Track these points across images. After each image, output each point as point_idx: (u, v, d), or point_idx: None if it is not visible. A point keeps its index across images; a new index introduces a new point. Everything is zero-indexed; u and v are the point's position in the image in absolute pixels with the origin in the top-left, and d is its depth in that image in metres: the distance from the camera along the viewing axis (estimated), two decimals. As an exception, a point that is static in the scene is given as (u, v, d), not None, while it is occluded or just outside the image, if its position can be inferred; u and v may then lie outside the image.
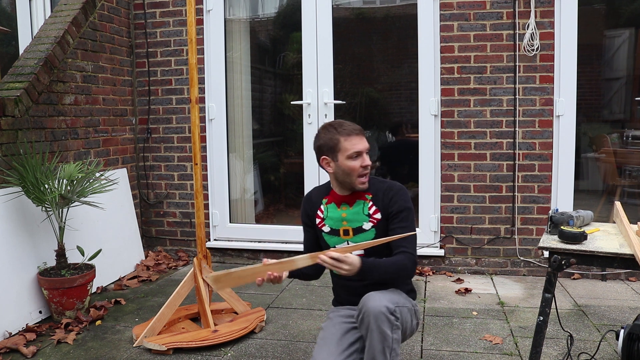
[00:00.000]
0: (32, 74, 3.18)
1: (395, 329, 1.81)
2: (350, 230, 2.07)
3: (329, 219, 2.10)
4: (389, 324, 1.79)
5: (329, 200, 2.11)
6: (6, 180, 2.89)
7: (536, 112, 3.62)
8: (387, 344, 1.79)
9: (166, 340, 2.57)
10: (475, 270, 3.81)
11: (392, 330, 1.79)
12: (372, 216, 2.04)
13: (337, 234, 2.10)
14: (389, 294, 1.93)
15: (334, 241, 2.10)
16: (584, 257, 1.87)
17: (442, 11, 3.68)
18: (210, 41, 4.10)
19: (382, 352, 1.79)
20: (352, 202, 2.07)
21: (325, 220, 2.12)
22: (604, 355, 2.47)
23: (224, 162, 4.18)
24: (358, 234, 2.06)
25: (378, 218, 2.03)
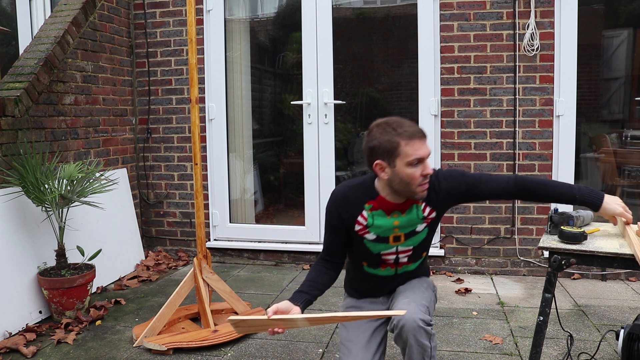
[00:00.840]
0: (32, 74, 3.18)
1: (432, 337, 1.78)
2: (402, 235, 1.92)
3: (376, 228, 1.90)
4: (426, 336, 1.75)
5: (374, 206, 1.88)
6: (6, 180, 2.89)
7: (536, 112, 3.62)
8: (426, 354, 1.77)
9: (166, 340, 2.57)
10: (475, 270, 3.81)
11: (429, 340, 1.76)
12: (427, 218, 1.92)
13: (385, 241, 1.92)
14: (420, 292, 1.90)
15: (381, 248, 1.94)
16: (584, 257, 1.87)
17: (442, 11, 3.68)
18: (210, 41, 4.10)
19: None
20: (405, 208, 1.89)
21: (370, 229, 1.91)
22: (604, 355, 2.47)
23: (224, 162, 4.18)
24: (410, 237, 1.93)
25: (432, 217, 1.93)
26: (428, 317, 1.77)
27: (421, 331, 1.74)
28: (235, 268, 4.04)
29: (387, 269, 1.98)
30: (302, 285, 1.92)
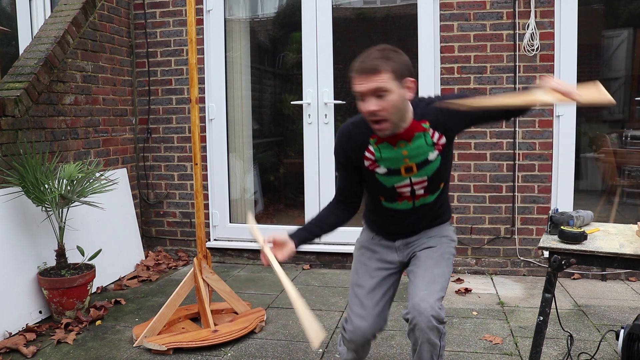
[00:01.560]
0: (32, 74, 3.18)
1: (443, 336, 1.78)
2: (414, 166, 1.82)
3: (385, 161, 1.82)
4: (438, 334, 1.75)
5: (378, 139, 1.79)
6: (6, 180, 2.89)
7: (536, 112, 3.62)
8: (435, 352, 1.77)
9: (166, 340, 2.57)
10: (475, 270, 3.81)
11: (440, 339, 1.76)
12: (437, 143, 1.81)
13: (397, 174, 1.84)
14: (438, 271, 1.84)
15: (394, 181, 1.85)
16: (584, 257, 1.88)
17: (442, 11, 3.68)
18: (210, 41, 4.10)
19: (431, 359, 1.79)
20: (410, 136, 1.77)
21: (380, 162, 1.83)
22: (604, 355, 2.47)
23: (224, 162, 4.18)
24: (423, 167, 1.83)
25: (443, 143, 1.82)
26: (442, 314, 1.75)
27: (434, 330, 1.74)
28: (235, 268, 4.04)
29: (405, 202, 1.90)
30: (307, 222, 1.92)
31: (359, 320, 1.90)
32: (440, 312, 1.75)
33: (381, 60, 1.65)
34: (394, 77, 1.64)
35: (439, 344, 1.76)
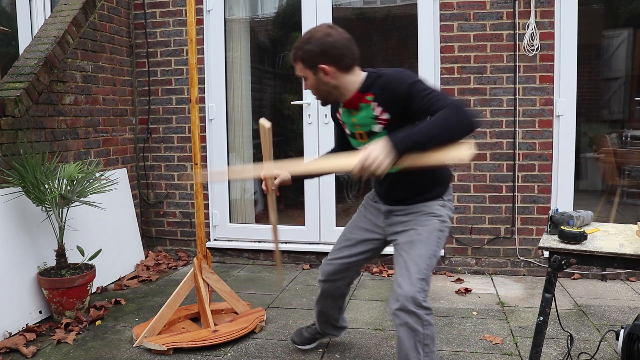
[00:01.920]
0: (32, 74, 3.18)
1: (426, 324, 1.80)
2: (364, 134, 1.98)
3: (346, 124, 2.07)
4: (417, 320, 1.78)
5: (343, 103, 1.99)
6: (6, 180, 2.89)
7: (536, 112, 3.62)
8: (417, 339, 1.79)
9: (166, 340, 2.57)
10: (475, 270, 3.81)
11: (422, 326, 1.78)
12: (379, 118, 1.90)
13: (355, 137, 2.06)
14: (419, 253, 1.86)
15: (356, 144, 2.06)
16: (584, 257, 1.88)
17: (442, 11, 3.68)
18: (210, 41, 4.10)
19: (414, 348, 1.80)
20: (356, 106, 1.94)
21: (345, 124, 2.08)
22: (604, 355, 2.47)
23: (224, 162, 4.18)
24: (371, 137, 1.95)
25: (386, 118, 1.88)
26: (419, 298, 1.78)
27: (411, 315, 1.78)
28: (235, 268, 4.04)
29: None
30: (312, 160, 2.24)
31: (327, 263, 2.25)
32: (417, 295, 1.78)
33: (295, 52, 1.90)
34: (306, 66, 1.87)
35: (420, 331, 1.78)
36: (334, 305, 2.41)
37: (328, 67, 1.85)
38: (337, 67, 1.86)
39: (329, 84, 1.89)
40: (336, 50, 1.83)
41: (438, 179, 2.02)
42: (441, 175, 2.03)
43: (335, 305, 2.42)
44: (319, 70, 1.86)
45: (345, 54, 1.85)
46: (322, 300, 2.38)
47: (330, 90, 1.92)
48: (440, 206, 2.00)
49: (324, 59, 1.84)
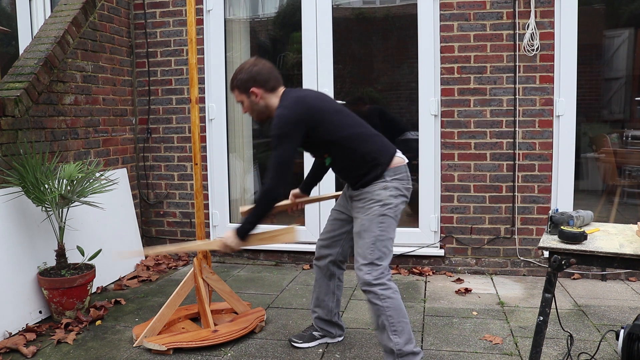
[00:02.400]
0: (32, 74, 3.18)
1: (383, 298, 2.14)
2: None
3: None
4: (374, 296, 2.15)
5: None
6: (6, 180, 2.89)
7: (536, 112, 3.62)
8: (381, 313, 2.15)
9: (166, 340, 2.57)
10: (475, 270, 3.81)
11: (380, 300, 2.14)
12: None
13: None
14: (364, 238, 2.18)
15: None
16: (584, 257, 1.88)
17: (442, 11, 3.68)
18: (210, 41, 4.10)
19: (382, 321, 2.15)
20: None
21: None
22: (604, 355, 2.47)
23: (224, 162, 4.18)
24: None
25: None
26: (368, 278, 2.15)
27: (369, 293, 2.17)
28: (235, 268, 4.04)
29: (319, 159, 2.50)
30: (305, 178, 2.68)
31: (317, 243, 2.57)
32: (365, 277, 2.15)
33: (231, 82, 2.34)
34: (241, 92, 2.31)
35: (379, 304, 2.14)
36: (327, 290, 2.57)
37: (257, 89, 2.28)
38: (264, 89, 2.28)
39: (259, 104, 2.30)
40: (261, 76, 2.27)
41: (369, 161, 2.23)
42: (372, 157, 2.23)
43: (329, 290, 2.57)
44: (251, 94, 2.28)
45: (269, 77, 2.28)
46: (317, 284, 2.59)
47: (262, 110, 2.32)
48: (382, 189, 2.22)
49: (253, 83, 2.27)
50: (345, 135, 2.21)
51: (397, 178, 2.24)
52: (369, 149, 2.22)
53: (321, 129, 2.17)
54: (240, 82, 2.29)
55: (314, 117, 2.16)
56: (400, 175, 2.26)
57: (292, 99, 2.20)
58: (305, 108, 2.16)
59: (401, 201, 2.25)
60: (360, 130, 2.25)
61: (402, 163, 2.29)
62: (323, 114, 2.18)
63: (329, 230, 2.53)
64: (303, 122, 2.14)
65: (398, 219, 2.26)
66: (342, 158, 2.26)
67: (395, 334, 2.16)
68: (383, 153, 2.25)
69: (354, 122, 2.26)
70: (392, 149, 2.29)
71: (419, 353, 2.22)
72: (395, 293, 2.17)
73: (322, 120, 2.17)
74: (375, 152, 2.23)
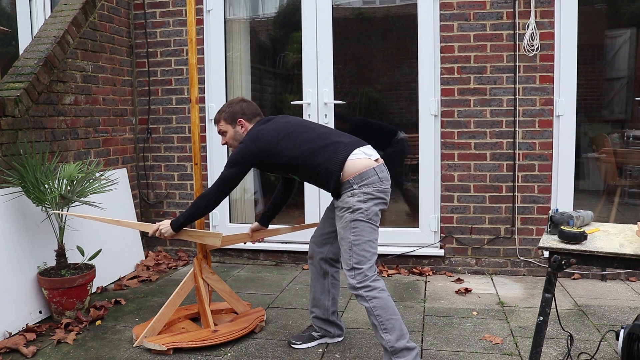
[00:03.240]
0: (32, 74, 3.18)
1: (369, 299, 2.21)
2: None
3: None
4: (362, 299, 2.23)
5: None
6: (6, 180, 2.89)
7: (536, 112, 3.62)
8: (371, 313, 2.23)
9: (166, 340, 2.57)
10: (475, 270, 3.81)
11: (367, 301, 2.21)
12: None
13: None
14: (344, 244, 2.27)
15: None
16: (584, 257, 1.87)
17: (442, 11, 3.68)
18: (210, 41, 4.10)
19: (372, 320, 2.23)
20: None
21: None
22: (604, 355, 2.47)
23: (223, 162, 4.18)
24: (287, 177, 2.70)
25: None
26: (353, 282, 2.24)
27: (358, 297, 2.26)
28: (235, 268, 4.04)
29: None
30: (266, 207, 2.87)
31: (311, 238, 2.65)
32: (350, 281, 2.25)
33: (218, 114, 2.60)
34: (227, 122, 2.58)
35: (367, 305, 2.22)
36: (322, 289, 2.60)
37: (242, 121, 2.57)
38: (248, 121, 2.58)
39: (242, 134, 2.56)
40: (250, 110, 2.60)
41: (323, 172, 2.30)
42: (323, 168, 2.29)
43: (324, 288, 2.60)
44: (237, 124, 2.57)
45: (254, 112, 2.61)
46: (312, 283, 2.63)
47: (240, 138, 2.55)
48: (350, 196, 2.27)
49: (241, 115, 2.57)
50: (295, 155, 2.36)
51: (365, 184, 2.26)
52: (319, 161, 2.31)
53: (274, 157, 2.39)
54: (230, 114, 2.57)
55: (264, 151, 2.39)
56: (367, 180, 2.26)
57: (251, 135, 2.45)
58: (257, 147, 2.40)
59: (373, 203, 2.26)
60: (308, 146, 2.34)
61: (369, 167, 2.27)
62: (273, 146, 2.38)
63: (320, 228, 2.62)
64: (254, 156, 2.40)
65: (375, 221, 2.28)
66: (302, 174, 2.42)
67: (386, 332, 2.21)
68: (333, 161, 2.29)
69: (303, 141, 2.36)
70: (342, 155, 2.28)
71: (413, 348, 2.22)
72: (381, 292, 2.22)
73: (272, 151, 2.38)
74: (325, 162, 2.30)
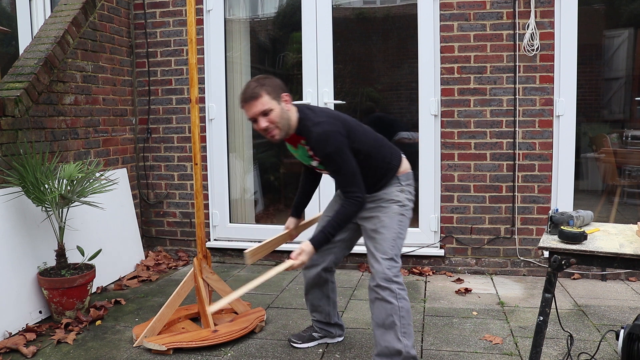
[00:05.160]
0: (32, 74, 3.18)
1: (400, 297, 2.10)
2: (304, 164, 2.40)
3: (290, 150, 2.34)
4: (390, 293, 2.09)
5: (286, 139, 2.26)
6: (6, 180, 2.89)
7: (536, 112, 3.62)
8: (394, 311, 2.09)
9: (166, 340, 2.57)
10: (475, 270, 3.81)
11: (396, 299, 2.09)
12: (314, 157, 2.21)
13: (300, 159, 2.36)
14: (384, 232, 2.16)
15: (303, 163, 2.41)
16: (584, 257, 1.87)
17: (442, 11, 3.68)
18: (210, 41, 4.10)
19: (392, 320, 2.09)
20: (295, 145, 2.25)
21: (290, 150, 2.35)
22: (604, 355, 2.47)
23: (224, 162, 4.18)
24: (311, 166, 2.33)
25: (319, 159, 2.19)
26: (389, 274, 2.10)
27: (384, 290, 2.10)
28: (235, 268, 4.04)
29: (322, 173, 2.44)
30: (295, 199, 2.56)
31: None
32: (387, 272, 2.10)
33: (258, 88, 2.08)
34: (272, 97, 2.08)
35: (395, 303, 2.09)
36: (322, 295, 2.54)
37: (287, 96, 2.14)
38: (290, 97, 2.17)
39: (287, 114, 2.13)
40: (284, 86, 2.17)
41: (384, 166, 2.24)
42: (387, 161, 2.25)
43: (322, 295, 2.54)
44: (281, 100, 2.11)
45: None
46: (309, 290, 2.55)
47: (288, 122, 2.14)
48: (399, 192, 2.24)
49: (283, 90, 2.14)
50: (370, 144, 2.21)
51: (409, 183, 2.30)
52: (384, 154, 2.24)
53: (354, 141, 2.14)
54: (274, 86, 2.10)
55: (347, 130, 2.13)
56: (410, 181, 2.31)
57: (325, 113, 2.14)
58: (341, 121, 2.12)
59: (412, 207, 2.29)
60: (373, 137, 2.26)
61: (410, 170, 2.34)
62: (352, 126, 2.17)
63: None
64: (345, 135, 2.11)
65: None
66: (361, 166, 2.19)
67: (405, 336, 2.12)
68: (394, 156, 2.29)
69: (365, 131, 2.25)
70: (399, 152, 2.34)
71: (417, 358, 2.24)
72: (407, 295, 2.17)
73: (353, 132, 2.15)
74: (389, 156, 2.26)
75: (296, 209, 2.57)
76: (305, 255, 2.13)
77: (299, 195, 2.57)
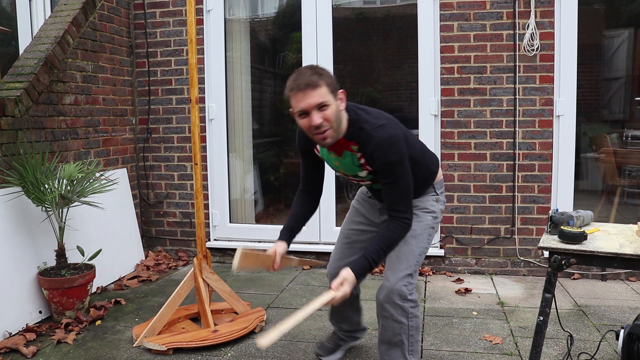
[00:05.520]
0: (32, 74, 3.18)
1: (411, 317, 1.94)
2: (348, 175, 2.06)
3: (326, 160, 2.07)
4: (402, 312, 1.92)
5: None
6: (6, 180, 2.89)
7: (536, 112, 3.62)
8: (403, 331, 1.94)
9: (166, 340, 2.57)
10: (475, 270, 3.81)
11: (407, 318, 1.93)
12: (364, 166, 1.94)
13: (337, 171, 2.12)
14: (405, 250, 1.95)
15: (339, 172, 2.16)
16: (584, 257, 1.87)
17: (442, 11, 3.68)
18: (210, 41, 4.10)
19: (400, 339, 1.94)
20: (340, 151, 1.93)
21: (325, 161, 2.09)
22: (604, 355, 2.47)
23: (224, 162, 4.18)
24: (355, 178, 2.05)
25: (370, 169, 1.93)
26: (405, 292, 1.91)
27: (396, 307, 1.92)
28: (235, 268, 4.03)
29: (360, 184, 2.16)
30: (287, 221, 2.16)
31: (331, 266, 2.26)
32: (403, 289, 1.91)
33: (317, 76, 1.75)
34: (330, 91, 1.77)
35: (405, 323, 1.93)
36: (350, 308, 2.38)
37: (343, 93, 1.84)
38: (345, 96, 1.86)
39: (341, 114, 1.84)
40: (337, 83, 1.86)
41: (428, 173, 2.09)
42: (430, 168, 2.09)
43: (352, 307, 2.38)
44: (338, 97, 1.82)
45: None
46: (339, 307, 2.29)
47: (339, 124, 1.84)
48: (435, 201, 2.11)
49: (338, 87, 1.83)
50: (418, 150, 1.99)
51: (442, 191, 2.15)
52: (426, 161, 2.05)
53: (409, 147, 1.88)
54: (332, 80, 1.79)
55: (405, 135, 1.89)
56: (443, 188, 2.17)
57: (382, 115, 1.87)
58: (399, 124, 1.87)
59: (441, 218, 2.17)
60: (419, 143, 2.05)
61: (442, 176, 2.19)
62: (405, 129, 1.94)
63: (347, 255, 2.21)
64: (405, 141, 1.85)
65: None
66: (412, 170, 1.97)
67: (412, 354, 2.00)
68: (434, 161, 2.12)
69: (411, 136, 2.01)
70: (436, 156, 2.18)
71: None
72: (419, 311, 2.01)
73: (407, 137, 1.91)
74: (430, 162, 2.08)
75: (290, 232, 2.13)
76: (348, 286, 1.80)
77: (295, 217, 2.15)
